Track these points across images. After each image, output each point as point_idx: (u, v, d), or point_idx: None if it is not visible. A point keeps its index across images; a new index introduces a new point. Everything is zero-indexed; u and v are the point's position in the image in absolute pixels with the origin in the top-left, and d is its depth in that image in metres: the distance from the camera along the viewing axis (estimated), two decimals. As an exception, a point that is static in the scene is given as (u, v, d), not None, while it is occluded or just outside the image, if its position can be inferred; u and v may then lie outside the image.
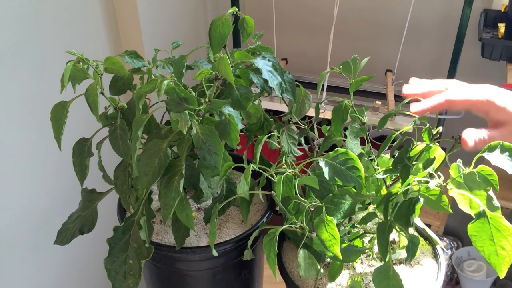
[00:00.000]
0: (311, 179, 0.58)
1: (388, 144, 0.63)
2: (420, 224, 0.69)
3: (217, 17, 0.61)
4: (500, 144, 0.48)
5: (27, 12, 0.94)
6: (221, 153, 0.57)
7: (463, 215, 0.51)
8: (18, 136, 0.97)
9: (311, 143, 0.78)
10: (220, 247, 0.64)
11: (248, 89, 0.61)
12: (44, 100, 0.97)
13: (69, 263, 1.20)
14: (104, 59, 0.63)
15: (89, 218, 0.70)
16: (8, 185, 0.96)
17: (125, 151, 0.62)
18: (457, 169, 0.50)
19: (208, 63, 0.72)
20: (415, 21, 1.55)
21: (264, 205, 0.75)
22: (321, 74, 0.71)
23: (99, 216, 0.71)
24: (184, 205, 0.59)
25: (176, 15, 1.44)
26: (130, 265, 0.60)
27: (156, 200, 0.76)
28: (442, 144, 0.59)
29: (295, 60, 1.77)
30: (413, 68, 1.66)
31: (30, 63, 0.96)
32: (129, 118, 0.63)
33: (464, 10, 1.32)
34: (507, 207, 1.51)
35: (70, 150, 0.66)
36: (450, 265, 1.78)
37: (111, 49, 1.21)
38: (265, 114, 0.74)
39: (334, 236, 0.53)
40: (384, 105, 1.40)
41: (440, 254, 0.66)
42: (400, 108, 0.68)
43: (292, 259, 0.68)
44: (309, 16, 1.75)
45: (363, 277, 0.64)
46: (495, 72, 1.56)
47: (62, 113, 0.62)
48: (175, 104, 0.55)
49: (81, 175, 0.67)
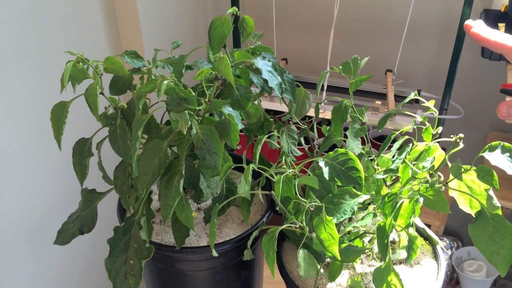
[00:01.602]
0: (311, 179, 0.58)
1: (388, 144, 0.63)
2: (420, 224, 0.69)
3: (217, 17, 0.61)
4: (501, 145, 0.48)
5: (27, 12, 0.94)
6: (221, 153, 0.57)
7: (463, 215, 0.51)
8: (18, 136, 0.97)
9: (311, 143, 0.78)
10: (220, 247, 0.64)
11: (248, 89, 0.61)
12: (44, 100, 0.97)
13: (69, 263, 1.20)
14: (104, 59, 0.63)
15: (89, 218, 0.70)
16: (8, 185, 0.96)
17: (125, 151, 0.62)
18: (457, 169, 0.50)
19: (208, 63, 0.72)
20: (415, 21, 1.55)
21: (264, 205, 0.75)
22: (321, 74, 0.71)
23: (99, 216, 0.71)
24: (184, 205, 0.59)
25: (176, 15, 1.44)
26: (130, 265, 0.60)
27: (156, 200, 0.76)
28: (442, 144, 0.59)
29: (295, 60, 1.77)
30: (413, 68, 1.66)
31: (30, 63, 0.96)
32: (129, 118, 0.63)
33: (464, 10, 1.32)
34: (507, 207, 1.51)
35: (70, 150, 0.66)
36: (450, 265, 1.78)
37: (111, 49, 1.21)
38: (265, 114, 0.74)
39: (333, 236, 0.53)
40: (384, 105, 1.40)
41: (440, 254, 0.66)
42: (400, 108, 0.68)
43: (292, 259, 0.68)
44: (309, 16, 1.75)
45: (363, 277, 0.64)
46: (495, 72, 1.56)
47: (62, 113, 0.62)
48: (175, 104, 0.55)
49: (81, 175, 0.67)
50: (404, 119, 1.34)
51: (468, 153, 0.57)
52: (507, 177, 1.54)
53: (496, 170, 0.49)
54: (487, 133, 1.65)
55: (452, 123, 1.65)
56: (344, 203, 0.58)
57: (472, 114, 1.60)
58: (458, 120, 1.53)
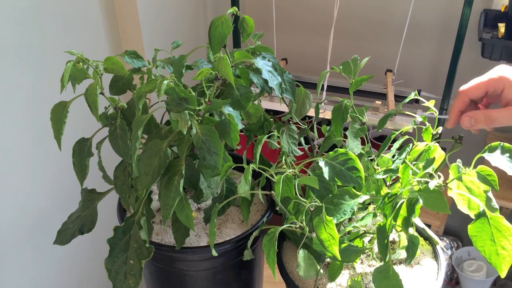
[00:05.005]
0: (311, 179, 0.58)
1: (388, 144, 0.63)
2: (420, 224, 0.69)
3: (217, 17, 0.61)
4: (500, 145, 0.48)
5: (27, 12, 0.94)
6: (221, 153, 0.57)
7: (463, 215, 0.51)
8: (18, 136, 0.97)
9: (311, 143, 0.78)
10: (220, 247, 0.64)
11: (248, 89, 0.61)
12: (44, 100, 0.97)
13: (69, 263, 1.20)
14: (104, 59, 0.63)
15: (89, 218, 0.70)
16: (8, 185, 0.96)
17: (125, 151, 0.62)
18: (457, 169, 0.50)
19: (208, 63, 0.72)
20: (415, 21, 1.55)
21: (264, 205, 0.75)
22: (321, 74, 0.71)
23: (99, 216, 0.71)
24: (184, 205, 0.59)
25: (176, 15, 1.44)
26: (130, 265, 0.60)
27: (156, 200, 0.76)
28: (442, 144, 0.59)
29: (295, 60, 1.77)
30: (413, 68, 1.66)
31: (30, 63, 0.96)
32: (129, 118, 0.63)
33: (464, 10, 1.32)
34: (507, 207, 1.51)
35: (70, 150, 0.66)
36: (450, 265, 1.77)
37: (111, 49, 1.21)
38: (265, 114, 0.74)
39: (333, 236, 0.53)
40: (384, 105, 1.40)
41: (440, 254, 0.66)
42: (400, 108, 0.68)
43: (292, 259, 0.68)
44: (309, 16, 1.75)
45: (363, 277, 0.64)
46: (495, 72, 1.56)
47: (62, 113, 0.62)
48: (175, 104, 0.55)
49: (81, 175, 0.67)
50: (404, 119, 1.34)
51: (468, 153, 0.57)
52: (507, 177, 1.54)
53: (495, 170, 0.49)
54: (487, 133, 1.65)
55: (452, 123, 1.65)
56: (344, 203, 0.58)
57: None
58: (458, 120, 1.53)
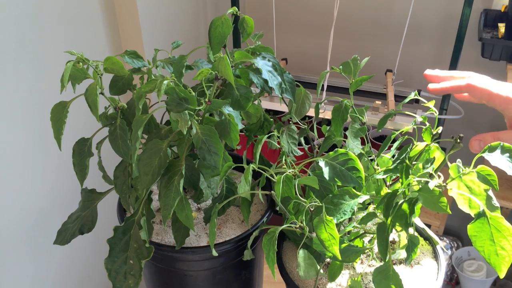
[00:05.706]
0: (311, 179, 0.58)
1: (388, 144, 0.63)
2: (420, 224, 0.69)
3: (217, 17, 0.61)
4: (500, 145, 0.48)
5: (27, 12, 0.94)
6: (221, 153, 0.57)
7: (463, 215, 0.51)
8: (18, 136, 0.97)
9: (311, 143, 0.78)
10: (220, 247, 0.64)
11: (248, 89, 0.61)
12: (44, 100, 0.97)
13: (69, 263, 1.20)
14: (104, 59, 0.63)
15: (89, 218, 0.71)
16: (8, 185, 0.96)
17: (125, 151, 0.62)
18: (457, 169, 0.50)
19: (208, 63, 0.72)
20: (415, 21, 1.55)
21: (264, 205, 0.75)
22: (321, 74, 0.71)
23: (99, 216, 0.71)
24: (184, 205, 0.59)
25: (176, 15, 1.44)
26: (130, 265, 0.60)
27: (156, 200, 0.76)
28: (442, 144, 0.59)
29: (295, 60, 1.77)
30: (413, 68, 1.66)
31: (30, 63, 0.96)
32: (129, 118, 0.63)
33: (464, 10, 1.32)
34: (507, 207, 1.51)
35: (70, 150, 0.66)
36: (450, 265, 1.78)
37: (111, 49, 1.21)
38: (265, 114, 0.74)
39: (333, 236, 0.53)
40: (384, 105, 1.40)
41: (440, 254, 0.66)
42: (400, 108, 0.68)
43: (292, 259, 0.68)
44: (309, 16, 1.75)
45: (363, 277, 0.64)
46: (495, 72, 1.56)
47: (62, 113, 0.62)
48: (175, 104, 0.55)
49: (81, 175, 0.67)
50: (404, 119, 1.34)
51: (468, 153, 0.57)
52: (507, 177, 1.54)
53: (495, 170, 0.49)
54: (487, 133, 1.64)
55: (452, 123, 1.65)
56: (344, 204, 0.58)
57: (472, 114, 1.60)
58: (458, 120, 1.53)
